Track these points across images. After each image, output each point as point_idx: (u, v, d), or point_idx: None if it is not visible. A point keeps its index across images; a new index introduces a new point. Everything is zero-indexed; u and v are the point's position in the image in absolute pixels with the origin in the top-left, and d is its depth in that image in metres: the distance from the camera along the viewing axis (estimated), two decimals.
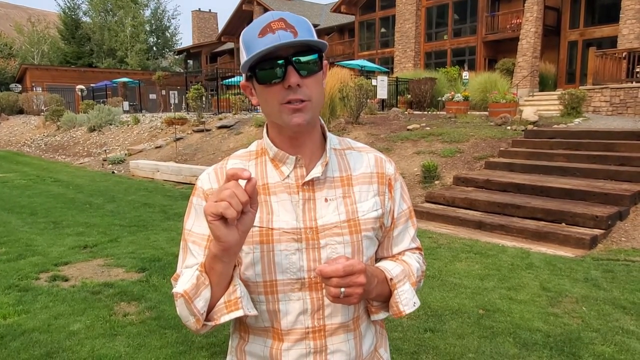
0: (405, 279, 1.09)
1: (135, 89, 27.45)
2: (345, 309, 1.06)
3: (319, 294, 1.03)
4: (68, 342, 3.38)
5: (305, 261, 1.02)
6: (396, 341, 3.39)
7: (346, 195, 1.07)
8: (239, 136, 13.94)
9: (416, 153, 9.84)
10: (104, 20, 44.86)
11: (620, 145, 8.24)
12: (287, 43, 0.93)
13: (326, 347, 1.05)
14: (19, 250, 5.57)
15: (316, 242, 1.03)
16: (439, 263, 5.15)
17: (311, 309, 1.03)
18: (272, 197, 1.05)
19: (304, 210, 1.03)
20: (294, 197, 1.04)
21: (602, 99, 13.77)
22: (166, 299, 4.14)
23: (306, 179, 1.04)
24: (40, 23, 48.06)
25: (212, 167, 1.12)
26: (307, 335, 1.04)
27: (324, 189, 1.06)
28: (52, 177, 12.16)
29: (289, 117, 0.98)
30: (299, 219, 1.03)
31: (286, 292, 1.03)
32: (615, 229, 6.12)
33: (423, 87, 17.48)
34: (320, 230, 1.03)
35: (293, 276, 1.02)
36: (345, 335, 1.07)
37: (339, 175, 1.08)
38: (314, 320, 1.04)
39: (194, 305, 0.95)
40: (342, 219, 1.05)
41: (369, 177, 1.11)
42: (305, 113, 0.99)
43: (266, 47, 0.93)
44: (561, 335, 3.51)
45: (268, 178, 1.06)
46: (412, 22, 25.95)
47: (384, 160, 1.16)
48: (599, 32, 20.09)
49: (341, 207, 1.06)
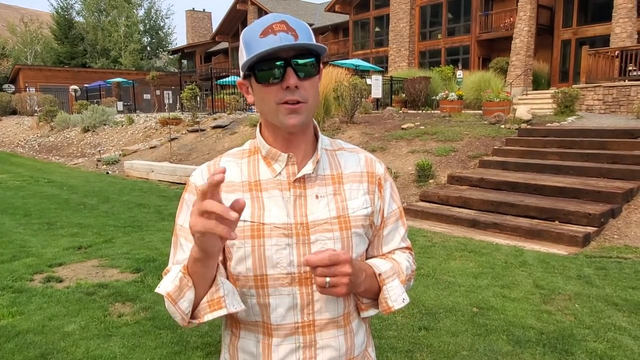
0: (394, 276, 1.11)
1: (129, 89, 27.33)
2: (334, 304, 1.07)
3: (309, 289, 1.05)
4: (63, 343, 3.38)
5: (295, 256, 1.04)
6: (390, 339, 3.41)
7: (337, 192, 1.09)
8: (234, 136, 13.92)
9: (410, 152, 9.86)
10: (97, 20, 44.65)
11: (612, 144, 8.30)
12: (289, 45, 0.96)
13: (315, 342, 1.06)
14: (13, 252, 5.55)
15: (307, 237, 1.04)
16: (433, 261, 5.17)
17: (301, 304, 1.05)
18: (263, 193, 1.06)
19: (294, 206, 1.05)
20: (285, 194, 1.06)
21: (595, 98, 13.85)
22: (161, 299, 4.09)
23: (297, 175, 1.06)
24: (33, 23, 47.80)
25: (205, 164, 1.14)
26: (297, 330, 1.05)
27: (315, 186, 1.08)
28: (46, 177, 12.11)
29: (285, 118, 1.01)
30: (290, 214, 1.05)
31: (276, 286, 1.04)
32: (608, 227, 6.16)
33: (417, 86, 17.52)
34: (311, 226, 1.05)
35: (283, 271, 1.04)
36: (336, 331, 1.08)
37: (329, 174, 1.11)
38: (304, 315, 1.05)
39: (177, 306, 0.97)
40: (333, 215, 1.07)
41: (359, 176, 1.13)
42: (300, 114, 1.01)
43: (268, 48, 0.95)
44: (554, 332, 3.54)
45: (260, 175, 1.08)
46: (406, 21, 26.00)
47: (374, 161, 1.18)
48: (591, 30, 20.21)
49: (332, 204, 1.07)
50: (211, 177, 0.81)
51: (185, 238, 1.07)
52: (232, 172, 1.09)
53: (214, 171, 0.82)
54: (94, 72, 37.74)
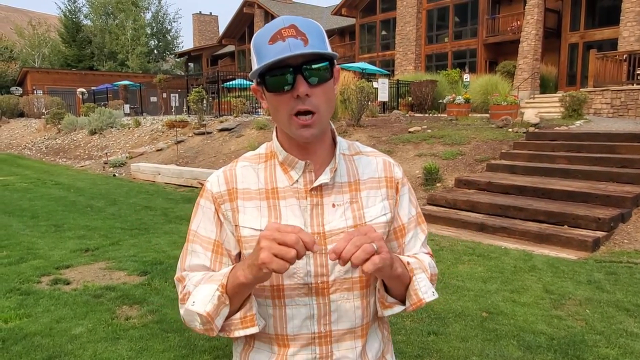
0: (420, 269, 1.08)
1: (136, 91, 27.46)
2: (352, 314, 1.05)
3: (326, 299, 1.03)
4: (70, 346, 3.37)
5: (312, 266, 1.02)
6: (399, 344, 3.38)
7: (353, 200, 1.07)
8: (240, 139, 13.93)
9: (417, 155, 9.83)
10: (104, 24, 44.92)
11: (621, 147, 8.23)
12: (296, 54, 0.92)
13: (332, 354, 1.04)
14: (20, 254, 5.56)
15: (323, 247, 1.02)
16: (442, 265, 5.13)
17: (318, 314, 1.03)
18: (280, 201, 1.04)
19: (311, 216, 1.03)
20: (302, 202, 1.04)
21: (603, 101, 13.77)
22: (168, 302, 4.12)
23: (314, 184, 1.04)
24: (41, 26, 48.09)
25: (221, 170, 1.11)
26: (313, 341, 1.04)
27: (332, 194, 1.06)
28: (53, 180, 12.16)
29: (298, 132, 0.99)
30: (307, 224, 1.03)
31: (293, 297, 1.02)
32: (618, 231, 6.10)
33: (424, 89, 17.49)
34: (328, 236, 1.03)
35: (300, 281, 1.02)
36: (352, 342, 1.06)
37: (347, 181, 1.08)
38: (320, 326, 1.03)
39: (214, 324, 0.97)
40: (349, 224, 1.04)
41: (377, 181, 1.11)
42: (313, 128, 0.99)
43: (274, 59, 0.92)
44: (565, 338, 3.50)
45: (277, 182, 1.06)
46: (412, 25, 25.99)
47: (393, 165, 1.16)
48: (599, 34, 20.12)
49: (348, 213, 1.06)
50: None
51: (200, 245, 1.06)
52: (248, 178, 1.07)
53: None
54: (101, 75, 37.96)
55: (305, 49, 0.93)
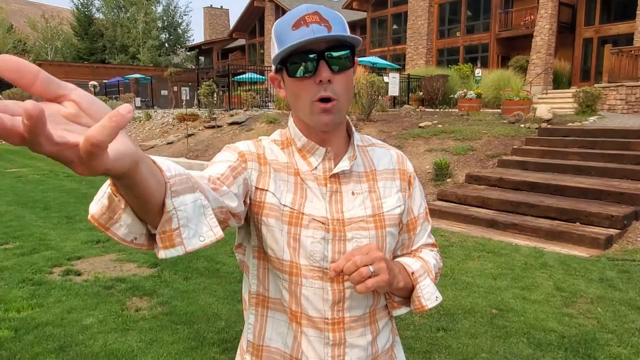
0: (425, 274, 1.10)
1: (147, 85, 27.62)
2: (365, 301, 1.06)
3: (340, 285, 1.02)
4: (81, 336, 3.40)
5: (330, 252, 1.01)
6: (408, 340, 3.37)
7: (371, 190, 1.07)
8: (250, 132, 13.95)
9: (428, 151, 9.77)
10: (116, 17, 45.17)
11: (636, 144, 8.11)
12: (321, 38, 0.92)
13: (345, 340, 1.04)
14: (33, 245, 5.62)
15: (343, 234, 1.02)
16: (452, 261, 5.10)
17: (332, 300, 1.03)
18: (307, 182, 1.04)
19: (330, 202, 1.03)
20: (322, 189, 1.04)
21: (617, 97, 13.58)
22: (178, 294, 4.15)
23: (334, 171, 1.04)
24: (54, 19, 48.44)
25: (250, 140, 1.11)
26: (326, 327, 1.03)
27: (351, 182, 1.06)
28: (65, 172, 12.25)
29: (318, 117, 0.98)
30: (327, 209, 1.03)
31: (308, 278, 1.02)
32: (631, 229, 6.03)
33: (435, 84, 17.36)
34: (347, 223, 1.03)
35: (316, 264, 1.01)
36: (363, 330, 1.06)
37: (363, 171, 1.09)
38: (334, 312, 1.03)
39: (111, 232, 0.70)
40: (368, 214, 1.05)
41: (391, 173, 1.12)
42: (334, 114, 0.98)
43: (300, 41, 0.91)
44: (576, 336, 3.46)
45: (299, 166, 1.05)
46: (424, 19, 25.77)
47: (404, 158, 1.17)
48: (614, 29, 19.81)
49: (367, 202, 1.06)
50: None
51: (215, 162, 0.99)
52: (276, 153, 1.07)
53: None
54: (113, 68, 38.20)
55: (329, 35, 0.93)
